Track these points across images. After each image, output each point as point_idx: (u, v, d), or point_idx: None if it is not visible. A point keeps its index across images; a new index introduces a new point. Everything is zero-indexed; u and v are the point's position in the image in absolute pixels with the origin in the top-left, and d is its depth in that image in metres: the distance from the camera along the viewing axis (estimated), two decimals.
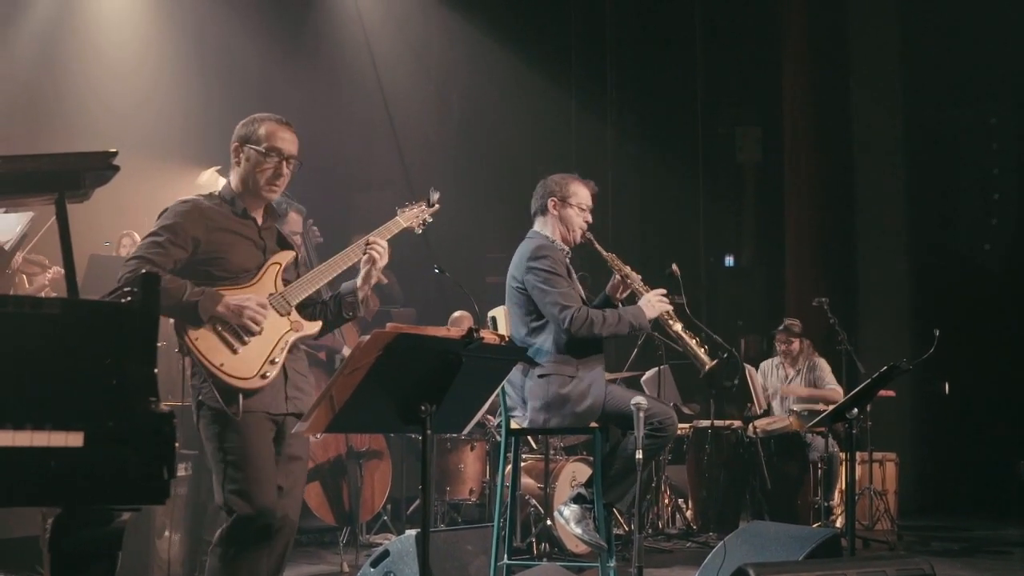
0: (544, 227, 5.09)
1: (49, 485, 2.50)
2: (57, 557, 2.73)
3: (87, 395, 2.58)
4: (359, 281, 4.09)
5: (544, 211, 5.08)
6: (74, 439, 2.50)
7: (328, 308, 4.12)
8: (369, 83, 11.38)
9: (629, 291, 5.03)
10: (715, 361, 4.95)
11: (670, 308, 4.92)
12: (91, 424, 2.53)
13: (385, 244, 4.08)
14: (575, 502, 4.90)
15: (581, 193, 5.08)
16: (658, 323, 4.95)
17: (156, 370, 2.64)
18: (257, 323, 3.83)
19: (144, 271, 3.52)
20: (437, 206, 4.42)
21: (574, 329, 4.74)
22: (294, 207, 6.96)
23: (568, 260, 5.01)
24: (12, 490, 2.49)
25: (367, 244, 4.04)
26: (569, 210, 5.03)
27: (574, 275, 5.01)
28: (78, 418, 2.53)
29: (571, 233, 5.04)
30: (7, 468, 2.46)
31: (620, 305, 5.06)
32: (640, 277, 5.04)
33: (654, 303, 4.88)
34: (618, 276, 5.03)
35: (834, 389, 8.85)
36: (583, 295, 4.99)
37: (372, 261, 4.05)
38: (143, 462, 2.56)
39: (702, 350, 4.91)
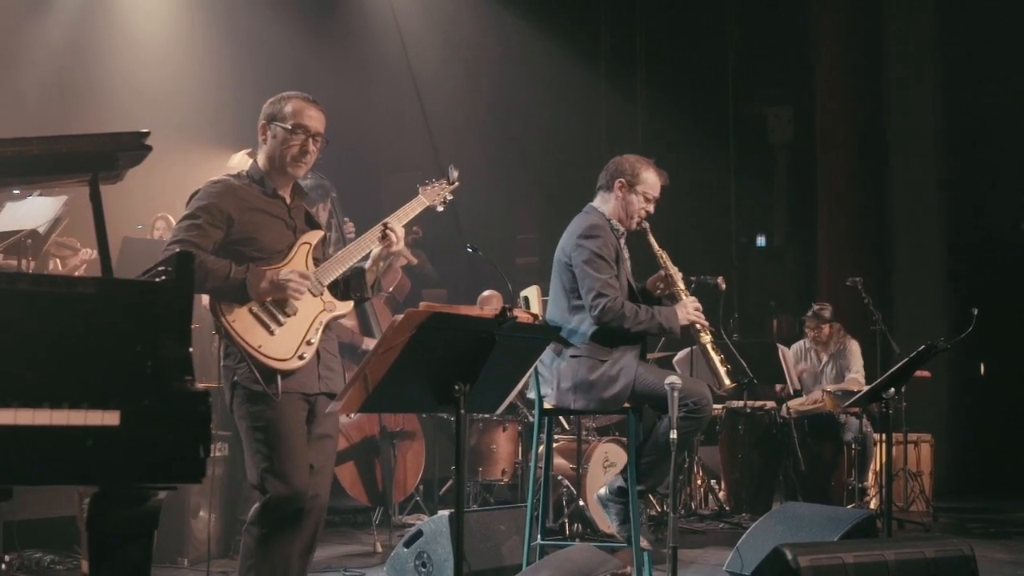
0: (604, 204, 5.01)
1: (86, 464, 2.51)
2: (94, 536, 2.74)
3: (123, 374, 2.58)
4: (368, 263, 4.10)
5: (609, 188, 5.00)
6: (111, 418, 2.51)
7: (338, 288, 4.12)
8: (399, 65, 11.38)
9: (669, 292, 4.99)
10: (733, 384, 4.94)
11: (704, 322, 4.89)
12: (127, 403, 2.54)
13: (401, 231, 4.08)
14: (618, 496, 4.88)
15: (651, 181, 4.99)
16: (687, 331, 4.92)
17: (191, 349, 2.64)
18: (300, 293, 3.84)
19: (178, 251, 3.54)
20: (457, 183, 4.42)
21: (604, 319, 4.69)
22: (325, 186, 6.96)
23: (621, 242, 4.96)
24: (50, 469, 2.49)
25: (384, 227, 4.05)
26: (633, 196, 4.95)
27: (624, 257, 4.95)
28: (114, 397, 2.53)
29: (629, 219, 4.97)
30: (45, 447, 2.47)
31: (661, 301, 5.02)
32: (683, 277, 4.99)
33: (690, 311, 4.82)
34: (663, 272, 4.98)
35: (854, 379, 8.78)
36: (630, 278, 4.94)
37: (387, 245, 4.05)
38: (179, 441, 2.56)
39: (724, 369, 4.86)
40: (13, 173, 3.18)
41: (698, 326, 4.86)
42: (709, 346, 4.88)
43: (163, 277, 2.73)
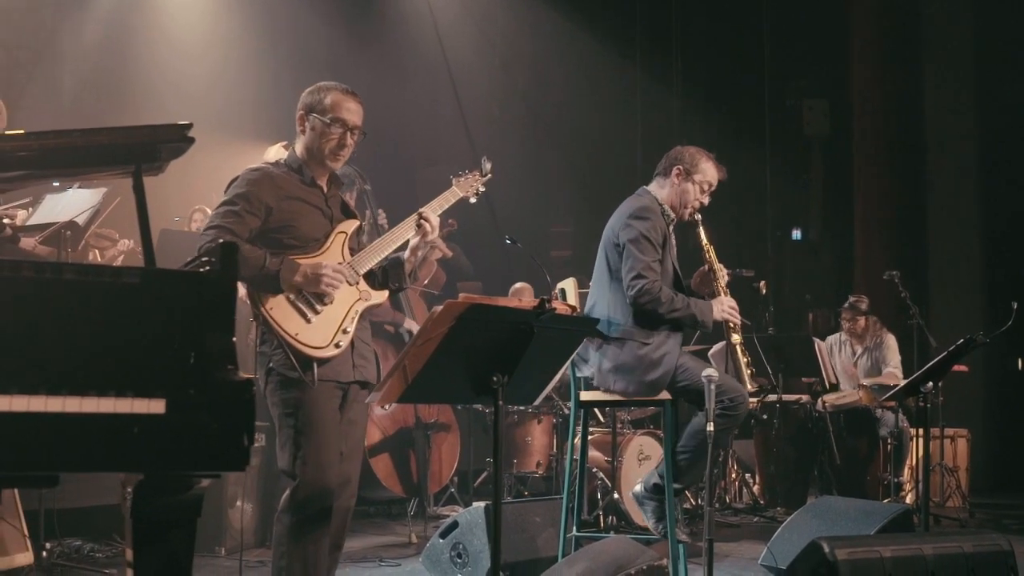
0: (659, 190, 5.00)
1: (132, 452, 2.54)
2: (138, 524, 2.77)
3: (168, 363, 2.61)
4: (406, 253, 4.12)
5: (666, 174, 5.00)
6: (156, 406, 2.54)
7: (376, 278, 4.14)
8: (434, 59, 11.40)
9: (710, 288, 4.98)
10: (755, 389, 4.92)
11: (737, 321, 4.87)
12: (172, 392, 2.57)
13: (436, 220, 4.10)
14: (654, 493, 4.88)
15: (709, 173, 4.98)
16: (720, 327, 4.91)
17: (235, 339, 2.67)
18: (334, 288, 3.86)
19: (222, 240, 3.57)
20: (490, 175, 4.45)
21: (640, 301, 4.69)
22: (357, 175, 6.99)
23: (670, 228, 4.95)
24: (96, 456, 2.53)
25: (420, 217, 4.07)
26: (689, 185, 4.95)
27: (672, 244, 4.95)
28: (160, 386, 2.57)
29: (682, 208, 4.97)
30: (91, 434, 2.50)
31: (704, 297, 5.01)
32: (727, 275, 4.98)
33: (725, 307, 4.82)
34: (707, 267, 4.97)
35: (891, 373, 8.71)
36: (675, 264, 4.94)
37: (423, 234, 4.07)
38: (223, 429, 2.59)
39: (748, 371, 4.85)
40: (56, 165, 3.21)
41: (731, 324, 4.86)
42: (738, 347, 4.87)
43: (207, 268, 2.76)
